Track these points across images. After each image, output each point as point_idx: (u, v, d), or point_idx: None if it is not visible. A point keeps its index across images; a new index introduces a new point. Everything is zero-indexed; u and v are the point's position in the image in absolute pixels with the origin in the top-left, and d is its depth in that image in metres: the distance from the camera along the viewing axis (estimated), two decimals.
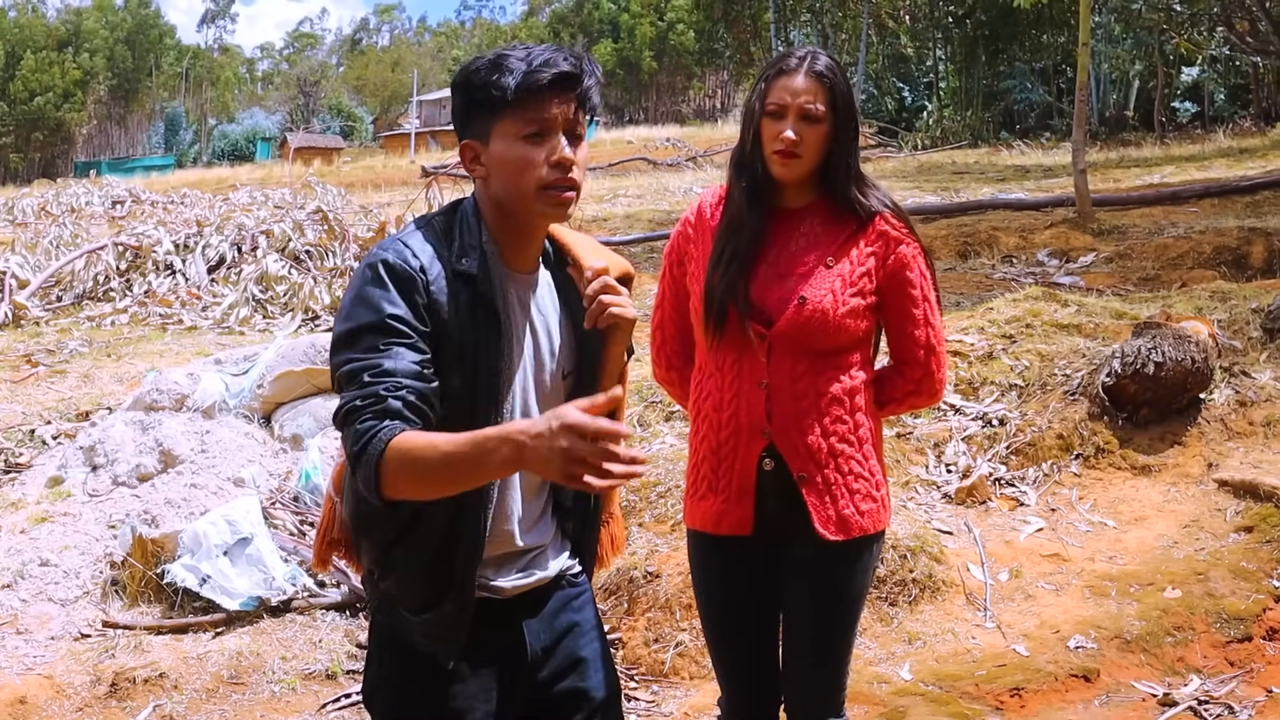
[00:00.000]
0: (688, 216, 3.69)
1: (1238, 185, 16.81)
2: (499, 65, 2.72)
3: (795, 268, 3.49)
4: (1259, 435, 7.23)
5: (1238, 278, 11.45)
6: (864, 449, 3.55)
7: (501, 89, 2.70)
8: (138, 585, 6.48)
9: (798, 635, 3.61)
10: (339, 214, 16.01)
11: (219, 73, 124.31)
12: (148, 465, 7.62)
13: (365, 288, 2.68)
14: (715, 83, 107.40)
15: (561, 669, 3.01)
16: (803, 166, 3.47)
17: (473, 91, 2.76)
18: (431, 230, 2.80)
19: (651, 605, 6.09)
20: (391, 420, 2.55)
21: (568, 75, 2.71)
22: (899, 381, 3.63)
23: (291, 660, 5.99)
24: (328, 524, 2.96)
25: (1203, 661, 5.69)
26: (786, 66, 3.48)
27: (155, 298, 14.37)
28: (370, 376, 2.59)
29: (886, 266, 3.52)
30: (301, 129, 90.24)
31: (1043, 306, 9.03)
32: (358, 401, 2.57)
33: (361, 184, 34.59)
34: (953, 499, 6.96)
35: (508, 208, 2.80)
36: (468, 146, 2.79)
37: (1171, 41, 36.49)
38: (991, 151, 35.51)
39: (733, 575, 3.64)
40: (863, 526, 3.52)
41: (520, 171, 2.73)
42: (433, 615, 2.81)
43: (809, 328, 3.43)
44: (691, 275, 3.62)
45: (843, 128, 3.48)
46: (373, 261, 2.70)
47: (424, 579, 2.79)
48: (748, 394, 3.49)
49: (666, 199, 23.71)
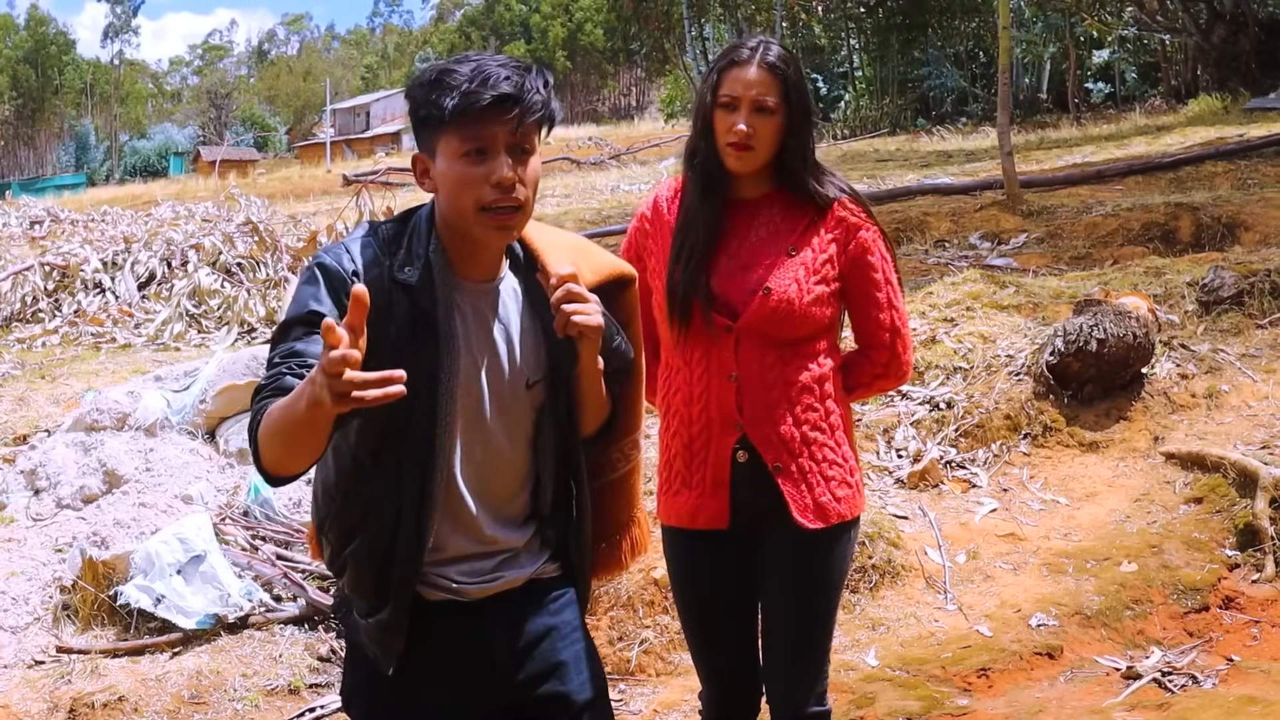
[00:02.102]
0: (644, 212, 3.69)
1: (1160, 162, 17.00)
2: (440, 83, 2.69)
3: (757, 258, 3.49)
4: (1201, 407, 7.32)
5: (1168, 253, 11.58)
6: (836, 435, 3.56)
7: (440, 109, 2.68)
8: (90, 608, 6.37)
9: (779, 625, 3.61)
10: (268, 225, 15.86)
11: (128, 88, 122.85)
12: (92, 486, 7.51)
13: (300, 286, 2.73)
14: (629, 80, 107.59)
15: (540, 673, 2.99)
16: (757, 159, 3.47)
17: (416, 108, 2.75)
18: (376, 236, 2.80)
19: (614, 604, 6.08)
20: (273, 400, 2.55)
21: (507, 96, 2.67)
22: (866, 365, 3.64)
23: (252, 677, 5.92)
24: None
25: (1162, 633, 5.76)
26: (738, 58, 3.47)
27: (86, 317, 14.17)
28: (279, 358, 2.61)
29: (848, 252, 3.53)
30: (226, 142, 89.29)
31: (981, 289, 9.10)
32: (262, 384, 2.59)
33: (280, 195, 34.27)
34: (905, 484, 7.00)
35: (452, 224, 2.79)
36: (418, 159, 2.80)
37: (1082, 23, 36.89)
38: (911, 138, 35.72)
39: (711, 569, 3.64)
40: (840, 513, 3.53)
41: (460, 191, 2.72)
42: (376, 620, 2.82)
43: (775, 318, 3.44)
44: (652, 271, 3.61)
45: (796, 118, 3.48)
46: (310, 263, 2.75)
47: (371, 580, 2.81)
48: (717, 387, 3.49)
49: (595, 197, 23.69)
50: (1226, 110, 26.04)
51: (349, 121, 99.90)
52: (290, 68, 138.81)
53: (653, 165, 33.82)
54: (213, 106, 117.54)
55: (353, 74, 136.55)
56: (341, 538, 2.81)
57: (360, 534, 2.78)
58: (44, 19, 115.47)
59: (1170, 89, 38.58)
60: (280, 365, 2.59)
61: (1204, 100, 29.12)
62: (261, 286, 14.06)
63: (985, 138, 29.85)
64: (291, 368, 2.56)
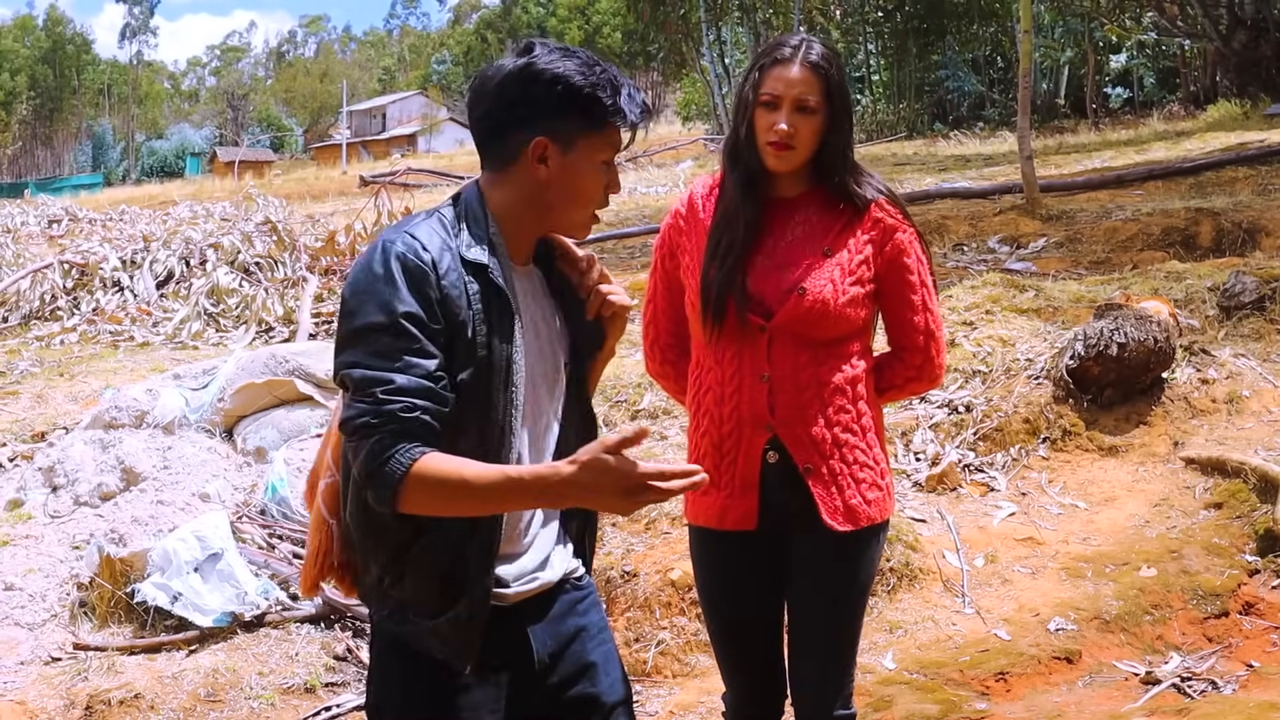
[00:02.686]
0: (678, 208, 3.66)
1: (1180, 167, 16.95)
2: (616, 85, 2.71)
3: (793, 258, 3.46)
4: (1222, 412, 7.28)
5: (1188, 258, 11.54)
6: (867, 438, 3.53)
7: (618, 112, 2.71)
8: (107, 606, 6.38)
9: (806, 628, 3.59)
10: (286, 225, 15.86)
11: (145, 88, 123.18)
12: (110, 484, 7.52)
13: (375, 283, 2.62)
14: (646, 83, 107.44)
15: (571, 675, 2.97)
16: (797, 158, 3.44)
17: (580, 97, 2.70)
18: (439, 220, 2.75)
19: (630, 605, 6.07)
20: (407, 442, 2.54)
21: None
22: (899, 368, 3.61)
23: (269, 675, 5.91)
24: (324, 548, 2.86)
25: (1181, 639, 5.73)
26: (781, 56, 3.44)
27: (104, 315, 14.19)
28: (384, 394, 2.56)
29: (884, 254, 3.50)
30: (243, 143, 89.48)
31: (1001, 292, 9.08)
32: (371, 419, 2.55)
33: (297, 196, 34.32)
34: (923, 487, 6.97)
35: (550, 217, 2.79)
36: (542, 143, 2.71)
37: (1102, 28, 36.82)
38: (929, 142, 35.70)
39: (738, 570, 3.61)
40: (870, 516, 3.51)
41: (588, 195, 2.76)
42: (448, 619, 2.75)
43: (810, 318, 3.41)
44: (685, 268, 3.58)
45: (837, 118, 3.45)
46: (383, 253, 2.64)
47: (439, 581, 2.73)
48: (749, 387, 3.46)
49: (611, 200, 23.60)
50: (1246, 116, 25.97)
51: (365, 123, 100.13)
52: (307, 69, 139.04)
53: (669, 168, 33.81)
54: (230, 107, 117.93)
55: (369, 76, 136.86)
56: (403, 544, 2.71)
57: (429, 533, 2.70)
58: (62, 19, 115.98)
59: (1189, 94, 38.54)
60: (389, 404, 2.55)
61: (1223, 106, 29.08)
62: (280, 286, 14.07)
63: (1003, 142, 29.82)
64: (405, 409, 2.55)
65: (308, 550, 2.92)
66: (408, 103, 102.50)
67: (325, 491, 2.86)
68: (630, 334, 9.90)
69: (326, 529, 2.86)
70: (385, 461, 2.53)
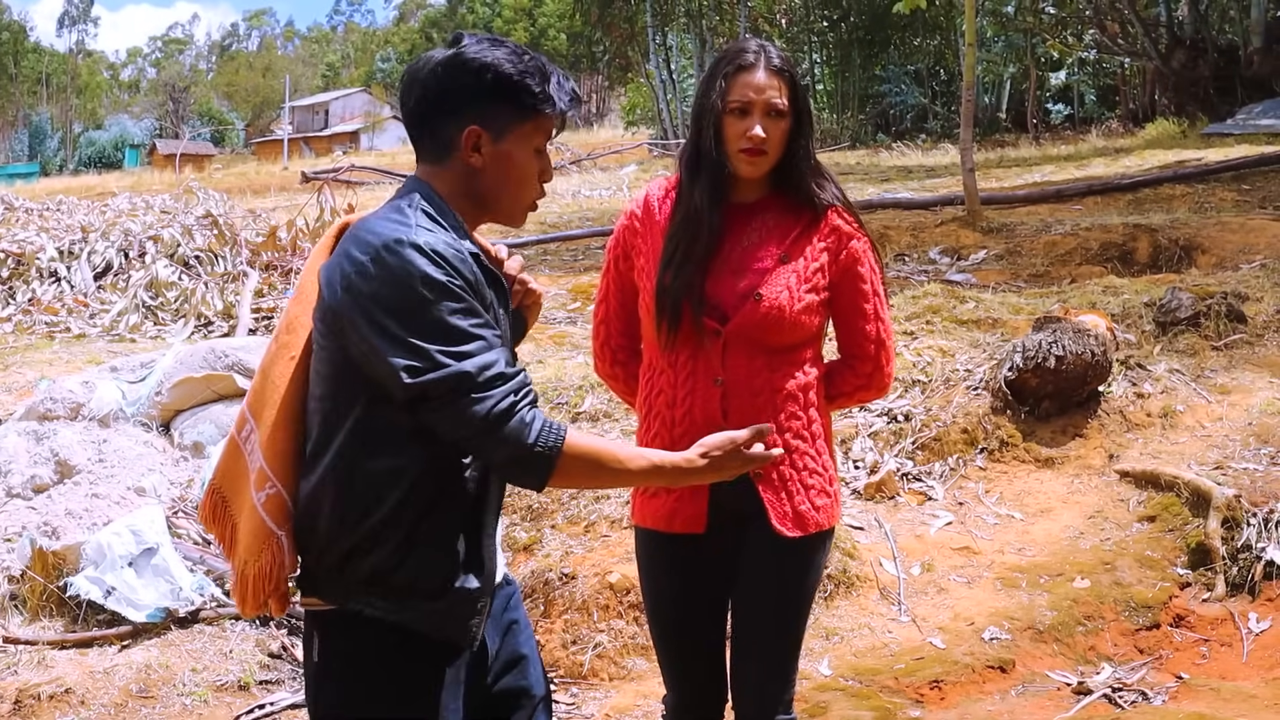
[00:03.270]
0: (633, 210, 3.65)
1: (1119, 183, 17.11)
2: (545, 73, 2.76)
3: (749, 263, 3.47)
4: (1156, 426, 7.36)
5: (1125, 273, 11.66)
6: (817, 444, 3.55)
7: (547, 100, 2.75)
8: (38, 599, 6.30)
9: (750, 633, 3.60)
10: (228, 219, 15.72)
11: (86, 79, 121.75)
12: (43, 476, 7.42)
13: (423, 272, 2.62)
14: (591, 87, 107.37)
15: (504, 667, 3.03)
16: (768, 163, 3.46)
17: (509, 85, 2.74)
18: (424, 214, 2.74)
19: (568, 607, 6.07)
20: (538, 409, 2.67)
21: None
22: (849, 376, 3.63)
23: (202, 672, 5.87)
24: (276, 562, 2.81)
25: (1113, 650, 5.80)
26: (744, 62, 3.45)
27: (40, 305, 13.99)
28: (506, 368, 2.65)
29: (839, 261, 3.52)
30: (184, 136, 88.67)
31: (941, 303, 9.15)
32: (512, 396, 2.64)
33: (237, 190, 33.97)
34: (862, 494, 7.02)
35: (491, 206, 2.84)
36: (475, 132, 2.75)
37: (1044, 44, 37.15)
38: (871, 152, 35.85)
39: (684, 573, 3.61)
40: (818, 522, 3.53)
41: (523, 182, 2.82)
42: (459, 590, 2.78)
43: (765, 324, 3.42)
44: (639, 270, 3.58)
45: (802, 119, 3.48)
46: (414, 248, 2.63)
47: (450, 554, 2.77)
48: (702, 391, 3.46)
49: (556, 202, 23.58)
50: (1184, 134, 26.27)
51: (307, 119, 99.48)
52: (250, 63, 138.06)
53: (613, 171, 33.79)
54: (170, 100, 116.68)
55: (313, 71, 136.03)
56: (415, 520, 2.73)
57: (439, 510, 2.75)
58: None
59: (1128, 112, 38.94)
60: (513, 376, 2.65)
61: (1161, 124, 29.40)
62: (220, 280, 13.94)
63: (945, 154, 29.99)
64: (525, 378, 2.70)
65: (248, 570, 2.83)
66: (351, 99, 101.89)
67: (268, 504, 2.80)
68: (572, 336, 9.95)
69: (276, 542, 2.81)
70: (541, 435, 2.64)
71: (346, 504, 2.74)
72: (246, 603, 2.85)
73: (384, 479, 2.71)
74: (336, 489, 2.74)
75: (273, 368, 2.84)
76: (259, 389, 2.86)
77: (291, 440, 2.81)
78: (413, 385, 2.60)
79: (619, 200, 23.72)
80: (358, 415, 2.71)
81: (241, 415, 2.90)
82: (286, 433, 2.81)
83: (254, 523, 2.82)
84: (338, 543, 2.76)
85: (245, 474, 2.86)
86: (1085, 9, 34.83)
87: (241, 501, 2.87)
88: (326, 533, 2.77)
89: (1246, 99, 27.85)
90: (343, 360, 2.70)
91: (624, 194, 25.14)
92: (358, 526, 2.73)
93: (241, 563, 2.84)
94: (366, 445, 2.70)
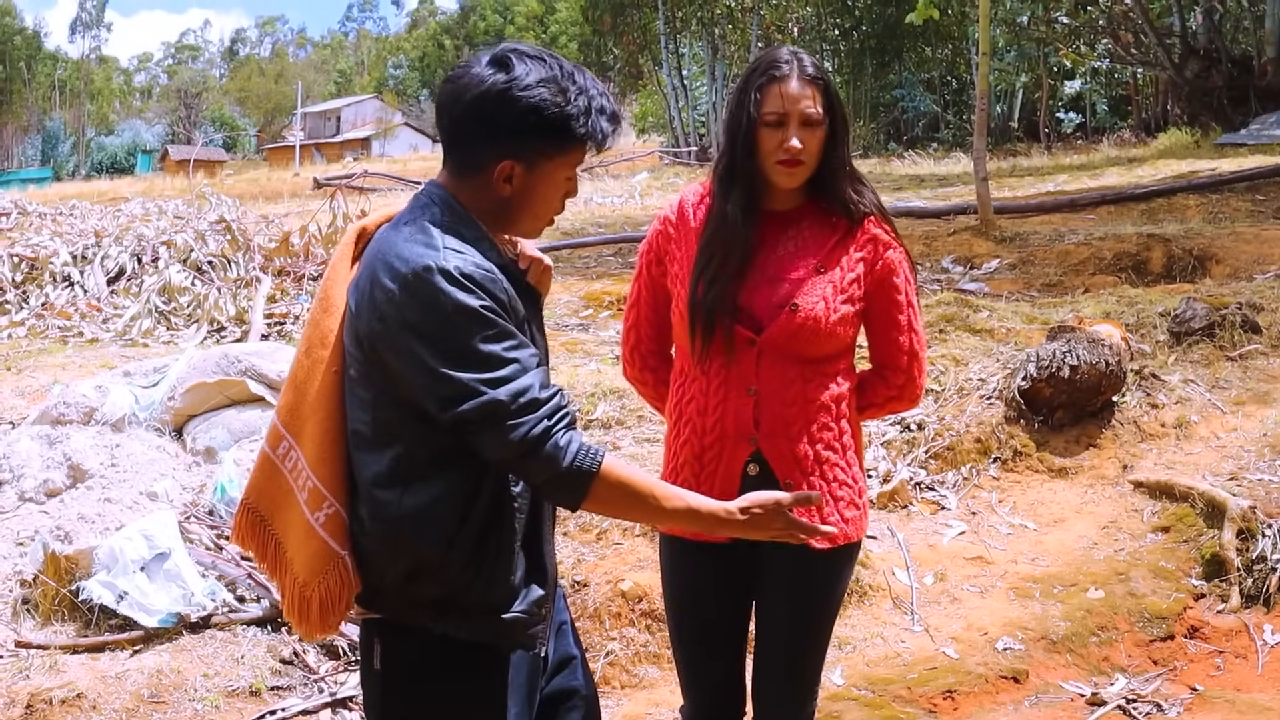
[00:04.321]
0: (667, 215, 3.60)
1: (1133, 193, 17.08)
2: (590, 104, 2.73)
3: (785, 273, 3.43)
4: (1171, 436, 7.35)
5: (1139, 283, 11.66)
6: (847, 456, 3.52)
7: (589, 136, 2.74)
8: (51, 603, 6.29)
9: (775, 644, 3.58)
10: (240, 224, 15.74)
11: (99, 85, 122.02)
12: (56, 480, 7.43)
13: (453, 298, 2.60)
14: None
15: (556, 667, 3.04)
16: (806, 172, 3.41)
17: (552, 125, 2.71)
18: (451, 234, 2.71)
19: (580, 614, 6.04)
20: (577, 432, 2.66)
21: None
22: (881, 387, 3.60)
23: (214, 677, 5.85)
24: (344, 584, 2.78)
25: (1127, 661, 5.77)
26: (778, 73, 3.38)
27: (54, 310, 14.00)
28: (540, 394, 2.64)
29: (875, 272, 3.48)
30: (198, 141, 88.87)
31: (955, 312, 9.14)
32: (546, 421, 2.62)
33: (249, 196, 34.04)
34: (875, 504, 6.99)
35: (507, 223, 2.82)
36: (508, 166, 2.73)
37: (1057, 53, 37.16)
38: (883, 161, 35.90)
39: (708, 582, 3.59)
40: (847, 535, 3.49)
41: (547, 204, 2.81)
42: (527, 598, 2.80)
43: (801, 335, 3.38)
44: (673, 276, 3.54)
45: (838, 127, 3.42)
46: (443, 274, 2.61)
47: (514, 561, 2.78)
48: (735, 399, 3.43)
49: (567, 209, 23.56)
50: (1197, 144, 26.26)
51: (319, 126, 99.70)
52: (262, 70, 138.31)
53: (625, 179, 33.84)
54: (183, 105, 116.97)
55: (325, 78, 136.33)
56: (478, 539, 2.72)
57: (498, 526, 2.74)
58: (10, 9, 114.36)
59: (1140, 122, 38.95)
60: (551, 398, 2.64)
61: (1174, 134, 29.39)
62: (232, 285, 13.95)
63: (957, 163, 30.01)
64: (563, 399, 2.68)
65: (314, 594, 2.80)
66: (363, 106, 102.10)
67: (329, 524, 2.78)
68: (584, 344, 9.93)
69: (341, 562, 2.79)
70: (575, 459, 2.62)
71: (402, 527, 2.72)
72: (312, 625, 2.82)
73: (437, 502, 2.70)
74: (390, 513, 2.73)
75: (309, 383, 2.81)
76: (293, 405, 2.82)
77: (343, 458, 2.79)
78: (449, 415, 2.60)
79: (631, 208, 23.75)
80: (405, 439, 2.69)
81: (275, 431, 2.86)
82: (337, 450, 2.78)
83: (315, 544, 2.78)
84: (396, 565, 2.75)
85: (287, 492, 2.84)
86: (1098, 19, 34.82)
87: (287, 520, 2.84)
88: (384, 555, 2.75)
89: (1260, 109, 27.85)
90: (382, 384, 2.69)
91: (636, 201, 25.16)
92: (416, 550, 2.72)
93: (302, 585, 2.81)
94: (415, 468, 2.69)
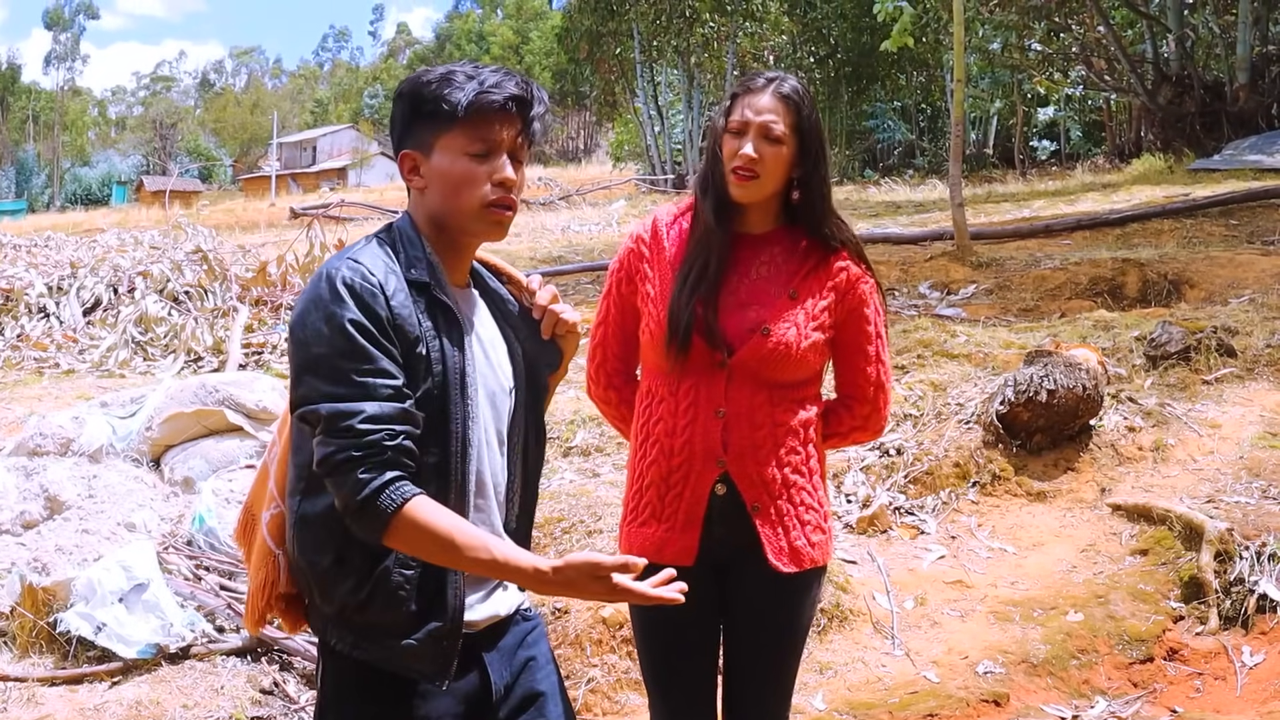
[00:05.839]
0: (640, 234, 3.61)
1: (1108, 218, 17.15)
2: (450, 80, 2.72)
3: (757, 297, 3.44)
4: (1148, 460, 7.37)
5: (1115, 307, 11.71)
6: (814, 480, 3.53)
7: (452, 104, 2.70)
8: (28, 635, 6.25)
9: (743, 668, 3.58)
10: (217, 254, 15.71)
11: (74, 117, 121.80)
12: (33, 512, 7.39)
13: (323, 309, 2.62)
14: (578, 123, 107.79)
15: (520, 704, 2.96)
16: (762, 189, 3.42)
17: (420, 102, 2.74)
18: (379, 244, 2.76)
19: (561, 642, 6.03)
20: (391, 471, 2.57)
21: (518, 99, 2.73)
22: (845, 417, 3.62)
23: (193, 708, 5.82)
24: (270, 579, 2.83)
25: (1107, 683, 5.78)
26: (753, 86, 3.44)
27: (29, 341, 13.96)
28: (360, 424, 2.57)
29: (845, 302, 3.50)
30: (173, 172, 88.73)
31: (932, 336, 9.17)
32: (353, 453, 2.56)
33: (225, 226, 33.93)
34: (854, 528, 7.00)
35: (445, 222, 2.79)
36: (407, 156, 2.78)
37: (1030, 80, 37.36)
38: (860, 188, 36.02)
39: (673, 605, 3.58)
40: (813, 558, 3.50)
41: (462, 187, 2.74)
42: (427, 633, 2.73)
43: (772, 359, 3.39)
44: (643, 296, 3.54)
45: (806, 153, 3.43)
46: (329, 281, 2.64)
47: (413, 596, 2.72)
48: (703, 421, 3.43)
49: (545, 237, 23.67)
50: (1171, 170, 26.36)
51: (295, 155, 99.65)
52: (237, 100, 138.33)
53: (602, 207, 33.87)
54: (158, 136, 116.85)
55: (300, 108, 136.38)
56: (372, 558, 2.68)
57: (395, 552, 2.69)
58: None
59: (1114, 148, 39.15)
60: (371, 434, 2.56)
61: (1148, 160, 29.50)
62: (209, 315, 13.91)
63: (933, 189, 30.11)
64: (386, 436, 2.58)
65: (251, 584, 2.88)
66: (339, 136, 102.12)
67: (271, 523, 2.83)
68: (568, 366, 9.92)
69: (273, 560, 2.83)
70: (375, 496, 2.55)
71: (302, 542, 2.74)
72: (247, 617, 2.89)
73: (329, 513, 2.68)
74: (294, 525, 2.75)
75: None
76: (285, 410, 2.86)
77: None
78: (295, 415, 2.65)
79: (608, 235, 23.76)
80: (306, 446, 2.69)
81: (274, 436, 2.92)
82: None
83: (259, 539, 2.86)
84: (305, 577, 2.77)
85: (265, 492, 2.89)
86: (1072, 46, 35.03)
87: (258, 520, 2.89)
88: (297, 566, 2.79)
89: (1233, 135, 27.99)
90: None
91: (613, 229, 25.19)
92: (316, 564, 2.72)
93: (250, 578, 2.89)
94: (315, 477, 2.67)
